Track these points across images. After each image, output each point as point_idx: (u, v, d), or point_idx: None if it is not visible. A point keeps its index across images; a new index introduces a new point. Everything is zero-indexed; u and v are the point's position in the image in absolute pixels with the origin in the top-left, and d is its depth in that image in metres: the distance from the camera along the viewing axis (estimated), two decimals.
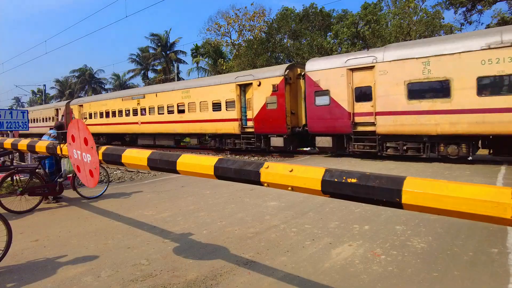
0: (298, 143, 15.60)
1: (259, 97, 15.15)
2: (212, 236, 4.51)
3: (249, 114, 15.87)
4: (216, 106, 17.01)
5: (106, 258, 3.84)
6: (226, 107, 16.52)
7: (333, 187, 1.83)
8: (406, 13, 25.84)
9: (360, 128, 12.37)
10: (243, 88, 16.04)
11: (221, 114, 16.85)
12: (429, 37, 24.85)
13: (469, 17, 24.67)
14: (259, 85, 15.12)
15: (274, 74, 14.75)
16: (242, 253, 3.90)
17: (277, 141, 14.77)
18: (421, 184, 1.60)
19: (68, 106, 30.63)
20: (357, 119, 12.39)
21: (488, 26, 23.51)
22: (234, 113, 16.21)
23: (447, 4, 24.89)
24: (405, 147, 11.56)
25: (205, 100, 17.61)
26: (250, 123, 15.87)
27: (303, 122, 14.53)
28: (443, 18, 26.11)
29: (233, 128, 16.33)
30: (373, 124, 11.93)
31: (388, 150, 11.97)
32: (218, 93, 16.88)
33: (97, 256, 3.92)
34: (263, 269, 3.46)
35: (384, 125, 11.64)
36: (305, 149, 17.63)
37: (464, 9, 24.38)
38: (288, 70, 14.55)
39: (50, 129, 7.50)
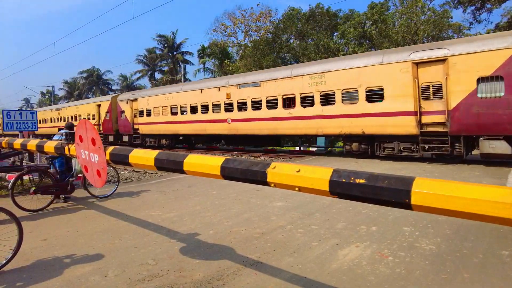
0: None
1: (462, 80, 10.20)
2: (218, 236, 4.51)
3: (438, 106, 10.77)
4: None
5: (113, 258, 3.86)
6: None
7: (340, 188, 1.81)
8: (413, 13, 25.62)
9: None
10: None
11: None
12: (437, 37, 24.62)
13: (478, 16, 24.37)
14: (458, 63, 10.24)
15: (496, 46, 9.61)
16: (248, 253, 3.90)
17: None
18: (431, 184, 1.58)
19: (115, 101, 25.09)
20: None
21: (497, 25, 23.21)
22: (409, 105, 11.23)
23: (455, 3, 24.62)
24: None
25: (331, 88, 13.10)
26: (437, 118, 10.81)
27: None
28: (451, 17, 25.84)
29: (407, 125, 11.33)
30: None
31: None
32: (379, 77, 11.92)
33: (104, 255, 3.94)
34: (270, 270, 3.45)
35: None
36: (312, 149, 17.50)
37: (473, 7, 24.08)
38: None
39: (59, 129, 7.59)
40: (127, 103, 23.80)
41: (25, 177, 7.31)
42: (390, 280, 3.15)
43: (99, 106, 26.90)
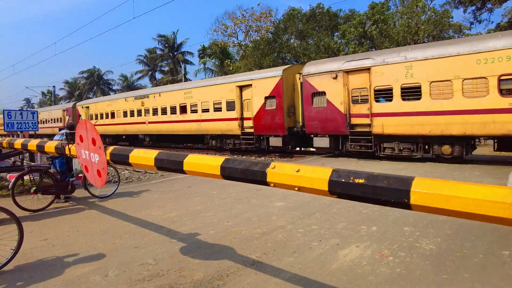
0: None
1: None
2: (218, 236, 4.51)
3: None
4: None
5: (113, 258, 3.87)
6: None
7: (340, 188, 1.81)
8: (414, 13, 25.60)
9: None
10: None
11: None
12: (437, 37, 24.60)
13: (478, 15, 24.34)
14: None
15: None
16: (248, 253, 3.90)
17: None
18: (430, 184, 1.58)
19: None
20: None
21: (498, 25, 23.18)
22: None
23: (456, 2, 24.60)
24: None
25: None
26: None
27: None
28: (452, 17, 25.82)
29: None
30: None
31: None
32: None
33: (105, 255, 3.95)
34: (270, 270, 3.45)
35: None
36: (312, 149, 17.56)
37: (473, 7, 24.04)
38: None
39: (60, 129, 7.60)
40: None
41: (26, 177, 7.33)
42: (391, 280, 3.15)
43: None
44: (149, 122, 21.98)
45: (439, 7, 26.12)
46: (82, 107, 29.40)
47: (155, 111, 21.52)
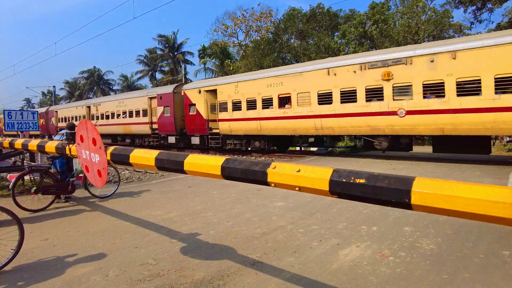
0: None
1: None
2: (219, 236, 4.51)
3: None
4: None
5: (114, 258, 3.87)
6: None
7: (341, 188, 1.81)
8: (414, 13, 25.60)
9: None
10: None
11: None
12: (437, 37, 24.60)
13: (479, 15, 24.33)
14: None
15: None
16: (249, 253, 3.90)
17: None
18: (431, 184, 1.58)
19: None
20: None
21: (498, 25, 23.17)
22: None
23: (456, 2, 24.60)
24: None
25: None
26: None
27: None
28: (452, 17, 25.82)
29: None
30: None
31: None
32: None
33: (105, 255, 3.95)
34: (270, 270, 3.45)
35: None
36: (312, 149, 17.60)
37: (474, 7, 24.04)
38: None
39: (61, 129, 7.61)
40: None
41: (26, 177, 7.33)
42: (391, 280, 3.15)
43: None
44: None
45: (439, 7, 26.14)
46: (200, 91, 18.71)
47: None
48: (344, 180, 1.79)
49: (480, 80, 9.98)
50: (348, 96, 12.49)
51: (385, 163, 11.36)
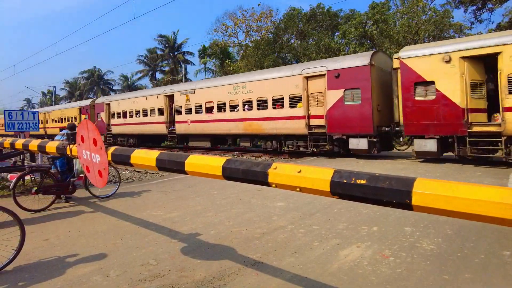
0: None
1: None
2: (219, 237, 4.52)
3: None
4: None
5: (114, 258, 3.87)
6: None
7: (342, 188, 1.81)
8: (414, 13, 25.59)
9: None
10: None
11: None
12: (438, 37, 24.59)
13: (479, 15, 24.32)
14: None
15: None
16: (249, 253, 3.90)
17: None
18: (432, 185, 1.58)
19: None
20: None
21: (499, 25, 23.17)
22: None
23: (456, 2, 24.60)
24: None
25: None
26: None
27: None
28: (453, 17, 25.80)
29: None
30: None
31: None
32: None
33: (106, 255, 3.95)
34: (271, 270, 3.46)
35: None
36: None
37: (474, 7, 24.03)
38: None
39: (61, 130, 7.62)
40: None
41: (27, 177, 7.33)
42: (391, 281, 3.16)
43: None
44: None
45: (439, 7, 26.10)
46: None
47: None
48: (345, 181, 1.80)
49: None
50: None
51: (386, 163, 11.35)
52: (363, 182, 1.73)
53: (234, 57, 38.16)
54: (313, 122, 13.87)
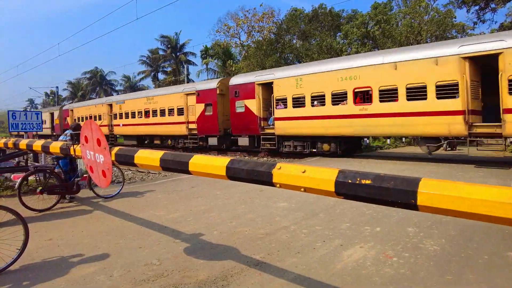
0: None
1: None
2: (222, 237, 4.52)
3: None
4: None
5: (118, 258, 3.88)
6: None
7: (346, 188, 1.81)
8: (417, 13, 25.55)
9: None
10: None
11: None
12: (440, 37, 24.52)
13: (482, 15, 24.24)
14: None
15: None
16: (252, 254, 3.90)
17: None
18: (437, 185, 1.58)
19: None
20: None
21: (502, 25, 23.09)
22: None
23: (459, 2, 24.51)
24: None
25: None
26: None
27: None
28: (455, 17, 25.73)
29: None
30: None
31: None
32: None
33: (109, 255, 3.96)
34: (274, 270, 3.46)
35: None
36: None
37: (477, 7, 23.94)
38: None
39: (65, 129, 7.65)
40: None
41: (31, 177, 7.36)
42: (395, 281, 3.15)
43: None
44: None
45: (442, 7, 26.05)
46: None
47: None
48: (350, 181, 1.79)
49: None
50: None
51: (388, 164, 11.34)
52: (368, 182, 1.73)
53: (236, 57, 38.18)
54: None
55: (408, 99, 11.38)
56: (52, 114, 35.30)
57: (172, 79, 44.19)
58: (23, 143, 5.64)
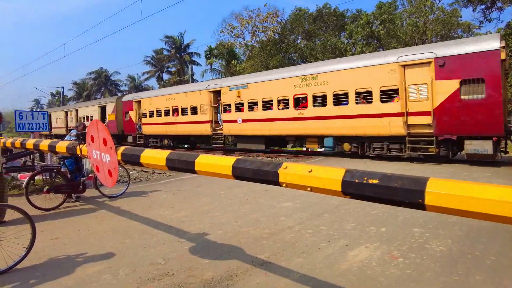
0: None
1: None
2: (227, 236, 4.53)
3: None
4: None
5: (123, 257, 3.90)
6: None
7: (353, 188, 1.81)
8: (422, 12, 25.39)
9: None
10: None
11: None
12: (446, 37, 24.36)
13: (488, 14, 24.01)
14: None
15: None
16: (257, 253, 3.90)
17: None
18: (445, 185, 1.57)
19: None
20: None
21: (509, 24, 22.86)
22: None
23: (465, 1, 24.31)
24: None
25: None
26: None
27: None
28: (461, 16, 25.53)
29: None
30: None
31: None
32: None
33: (115, 254, 3.99)
34: (279, 270, 3.46)
35: None
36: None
37: (483, 6, 23.73)
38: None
39: (70, 129, 7.71)
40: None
41: (37, 177, 7.43)
42: (401, 282, 3.13)
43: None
44: None
45: (447, 6, 25.85)
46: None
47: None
48: (357, 181, 1.79)
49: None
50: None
51: (393, 164, 11.28)
52: (375, 181, 1.73)
53: (240, 57, 38.20)
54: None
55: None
56: (102, 108, 27.16)
57: (177, 79, 44.30)
58: (29, 142, 5.70)
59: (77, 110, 31.92)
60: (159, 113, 21.83)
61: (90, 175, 7.29)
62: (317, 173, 1.93)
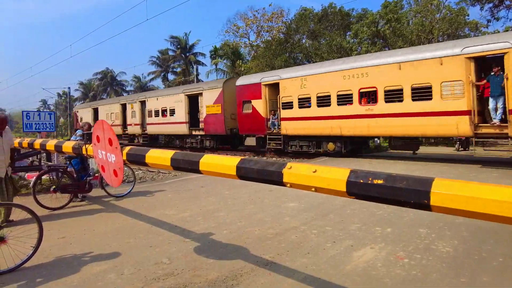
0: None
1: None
2: (232, 236, 4.53)
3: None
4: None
5: (128, 256, 3.92)
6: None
7: (358, 188, 1.80)
8: (428, 11, 25.17)
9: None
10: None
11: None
12: (452, 36, 24.12)
13: (496, 13, 23.72)
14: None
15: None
16: (262, 253, 3.90)
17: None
18: (451, 185, 1.55)
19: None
20: None
21: None
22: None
23: (472, 0, 24.03)
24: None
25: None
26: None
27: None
28: (468, 15, 25.24)
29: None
30: None
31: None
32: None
33: (120, 254, 4.01)
34: (284, 270, 3.45)
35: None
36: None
37: (491, 4, 23.44)
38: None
39: (76, 130, 7.78)
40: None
41: (44, 176, 7.50)
42: (406, 283, 3.11)
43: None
44: None
45: (454, 4, 25.57)
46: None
47: None
48: (361, 181, 1.78)
49: None
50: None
51: (399, 164, 11.21)
52: (380, 182, 1.71)
53: (245, 57, 38.20)
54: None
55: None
56: (192, 98, 20.30)
57: (182, 79, 44.45)
58: (37, 142, 5.76)
59: (143, 102, 23.96)
60: (324, 101, 13.84)
61: (96, 175, 7.35)
62: (322, 173, 1.93)
